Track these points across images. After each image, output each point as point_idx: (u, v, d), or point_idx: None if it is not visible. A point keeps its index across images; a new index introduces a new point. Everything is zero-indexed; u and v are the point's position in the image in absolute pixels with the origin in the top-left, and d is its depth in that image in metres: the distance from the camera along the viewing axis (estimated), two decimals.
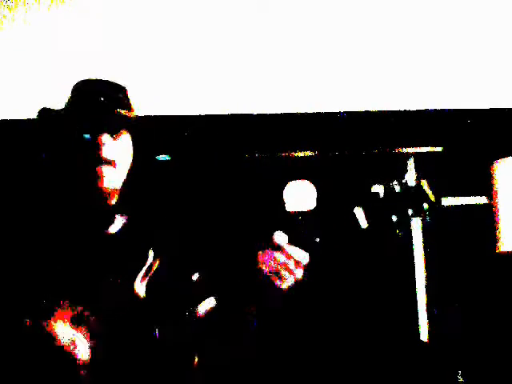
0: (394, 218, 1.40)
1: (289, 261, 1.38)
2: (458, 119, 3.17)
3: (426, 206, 1.41)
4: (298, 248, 1.39)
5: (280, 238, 1.38)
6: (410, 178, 1.42)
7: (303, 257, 1.39)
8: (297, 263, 1.38)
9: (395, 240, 3.17)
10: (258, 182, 3.26)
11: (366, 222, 1.39)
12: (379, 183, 1.42)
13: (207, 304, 1.39)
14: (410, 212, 1.41)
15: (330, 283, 3.18)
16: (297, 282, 1.40)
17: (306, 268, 1.40)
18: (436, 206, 1.42)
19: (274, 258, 1.38)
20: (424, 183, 1.42)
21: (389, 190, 1.41)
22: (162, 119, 2.82)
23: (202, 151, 3.20)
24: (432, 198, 1.41)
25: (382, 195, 1.40)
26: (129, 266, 1.39)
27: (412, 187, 1.41)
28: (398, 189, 1.41)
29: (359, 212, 1.39)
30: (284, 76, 3.08)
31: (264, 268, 1.38)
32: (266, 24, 3.07)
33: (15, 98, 2.87)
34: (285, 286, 1.39)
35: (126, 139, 1.41)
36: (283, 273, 1.38)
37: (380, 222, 1.40)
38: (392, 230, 1.42)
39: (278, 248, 1.38)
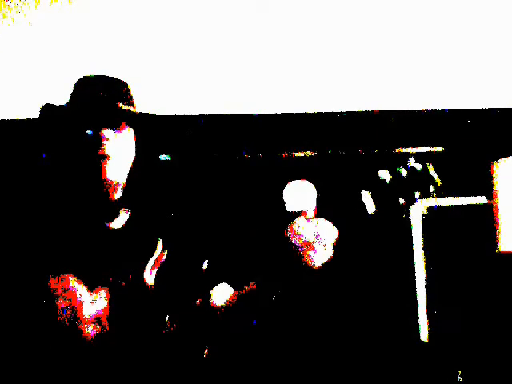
0: (402, 201, 1.39)
1: (322, 233, 1.34)
2: (458, 119, 3.18)
3: (432, 188, 1.40)
4: (329, 223, 1.35)
5: (311, 212, 1.35)
6: (416, 162, 1.41)
7: (334, 232, 1.35)
8: (328, 237, 1.34)
9: (390, 235, 3.17)
10: (258, 182, 3.26)
11: (373, 206, 1.37)
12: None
13: (222, 291, 1.37)
14: (417, 195, 1.40)
15: (329, 282, 3.18)
16: (328, 258, 1.34)
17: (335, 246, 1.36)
18: (442, 188, 1.41)
19: (307, 230, 1.35)
20: (430, 166, 1.41)
21: (395, 173, 1.40)
22: (162, 119, 2.82)
23: (202, 151, 3.20)
24: (438, 180, 1.40)
25: (388, 179, 1.39)
26: (137, 257, 1.38)
27: (418, 170, 1.40)
28: (404, 172, 1.40)
29: (366, 196, 1.37)
30: (284, 76, 3.08)
31: (296, 240, 1.34)
32: (266, 24, 3.08)
33: (17, 99, 2.87)
34: (317, 260, 1.32)
35: (128, 134, 1.40)
36: (316, 245, 1.33)
37: (388, 206, 1.38)
38: (399, 216, 1.41)
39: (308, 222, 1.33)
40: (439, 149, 3.30)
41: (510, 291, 3.27)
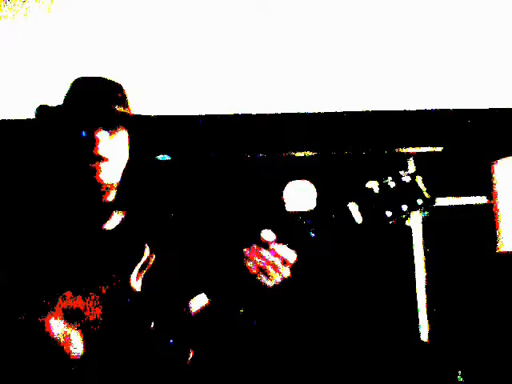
0: (389, 214, 1.41)
1: (275, 259, 1.36)
2: (458, 119, 3.17)
3: (420, 201, 1.41)
4: (285, 246, 1.37)
5: (267, 235, 1.37)
6: (405, 174, 1.42)
7: (290, 255, 1.37)
8: (284, 262, 1.36)
9: (390, 235, 3.17)
10: (258, 182, 3.26)
11: (360, 217, 1.39)
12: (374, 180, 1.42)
13: (199, 301, 1.39)
14: (405, 208, 1.41)
15: (329, 282, 3.18)
16: (283, 280, 1.37)
17: (294, 267, 1.38)
18: (430, 202, 1.42)
19: (261, 255, 1.37)
20: (418, 179, 1.42)
21: (383, 185, 1.41)
22: (162, 119, 2.82)
23: (202, 151, 3.20)
24: (426, 193, 1.41)
25: (376, 191, 1.40)
26: (125, 262, 1.39)
27: (406, 183, 1.41)
28: (392, 185, 1.41)
29: (353, 207, 1.39)
30: (284, 76, 3.08)
31: (250, 265, 1.37)
32: (266, 24, 3.08)
33: (14, 98, 2.87)
34: (271, 284, 1.36)
35: (122, 135, 1.41)
36: (270, 271, 1.36)
37: (374, 218, 1.40)
38: (386, 226, 1.42)
39: (266, 246, 1.36)
40: (439, 149, 3.30)
41: (510, 291, 3.26)
